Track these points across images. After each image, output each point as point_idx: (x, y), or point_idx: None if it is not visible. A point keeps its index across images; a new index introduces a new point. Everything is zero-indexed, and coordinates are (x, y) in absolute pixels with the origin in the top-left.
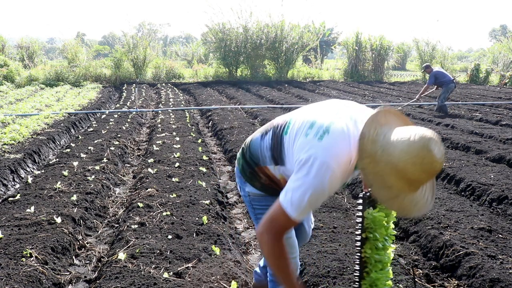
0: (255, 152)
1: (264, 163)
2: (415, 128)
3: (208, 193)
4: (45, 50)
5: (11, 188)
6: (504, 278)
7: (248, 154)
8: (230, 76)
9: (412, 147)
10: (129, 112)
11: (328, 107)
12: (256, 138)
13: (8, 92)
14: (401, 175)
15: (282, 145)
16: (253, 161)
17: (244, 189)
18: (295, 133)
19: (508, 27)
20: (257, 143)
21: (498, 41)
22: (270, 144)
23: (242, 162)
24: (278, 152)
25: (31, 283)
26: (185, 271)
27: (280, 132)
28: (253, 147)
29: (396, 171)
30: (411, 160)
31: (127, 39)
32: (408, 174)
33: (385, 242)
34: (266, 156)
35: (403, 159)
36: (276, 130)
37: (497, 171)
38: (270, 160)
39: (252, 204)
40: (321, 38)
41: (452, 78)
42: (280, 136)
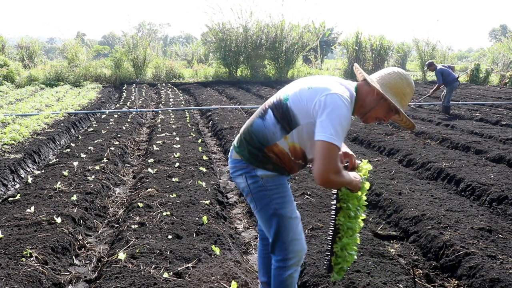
0: (262, 133)
1: (274, 140)
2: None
3: (208, 193)
4: (45, 50)
5: (11, 188)
6: (504, 278)
7: (254, 139)
8: (230, 76)
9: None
10: (129, 112)
11: (305, 79)
12: (256, 122)
13: (8, 92)
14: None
15: (289, 110)
16: (260, 143)
17: (255, 175)
18: (298, 95)
19: (508, 27)
20: (260, 125)
21: (498, 41)
22: (274, 119)
23: (248, 150)
24: (288, 117)
25: (31, 283)
26: (185, 271)
27: (281, 103)
28: (257, 130)
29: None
30: (405, 82)
31: (127, 39)
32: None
33: (356, 212)
34: (275, 132)
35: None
36: (275, 105)
37: (497, 171)
38: (281, 132)
39: (265, 186)
40: (321, 38)
41: (456, 77)
42: (283, 105)
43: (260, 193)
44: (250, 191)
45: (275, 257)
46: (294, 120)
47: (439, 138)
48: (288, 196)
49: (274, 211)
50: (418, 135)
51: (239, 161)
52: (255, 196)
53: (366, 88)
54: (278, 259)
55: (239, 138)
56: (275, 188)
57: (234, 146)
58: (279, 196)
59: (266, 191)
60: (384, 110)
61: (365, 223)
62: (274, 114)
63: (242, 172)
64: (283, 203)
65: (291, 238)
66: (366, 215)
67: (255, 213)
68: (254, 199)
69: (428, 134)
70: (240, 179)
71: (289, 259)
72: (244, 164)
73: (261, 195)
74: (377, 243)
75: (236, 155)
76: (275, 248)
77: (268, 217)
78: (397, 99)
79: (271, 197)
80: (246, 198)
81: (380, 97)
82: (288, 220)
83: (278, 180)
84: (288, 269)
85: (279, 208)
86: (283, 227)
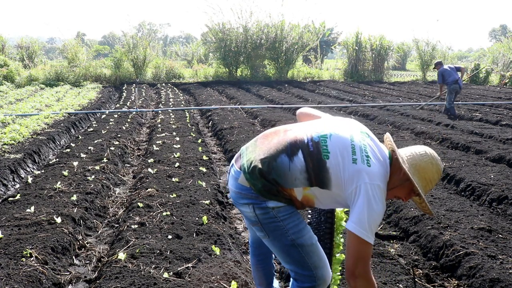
0: (283, 173)
1: (292, 186)
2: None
3: (208, 193)
4: (45, 50)
5: (11, 188)
6: (504, 278)
7: (273, 174)
8: (230, 76)
9: (434, 162)
10: (129, 112)
11: (348, 124)
12: (283, 159)
13: (8, 92)
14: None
15: (326, 171)
16: (277, 182)
17: (266, 207)
18: (340, 162)
19: (508, 27)
20: (285, 165)
21: (498, 41)
22: (305, 166)
23: (262, 183)
24: (321, 176)
25: (31, 283)
26: (185, 271)
27: (318, 156)
28: (280, 169)
29: (425, 178)
30: (435, 168)
31: (127, 39)
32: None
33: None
34: (299, 178)
35: (429, 169)
36: (310, 153)
37: (497, 171)
38: (305, 182)
39: (278, 217)
40: (321, 38)
41: (457, 79)
42: (319, 160)
43: (272, 224)
44: (259, 221)
45: (299, 284)
46: (326, 182)
47: (439, 138)
48: (302, 222)
49: (292, 242)
50: (418, 135)
51: (248, 189)
52: (266, 227)
53: (395, 164)
54: (305, 286)
55: (253, 165)
56: (288, 217)
57: (243, 169)
58: (294, 225)
59: (279, 222)
60: (407, 191)
61: None
62: (306, 161)
63: (249, 202)
64: (299, 232)
65: (316, 266)
66: None
67: (265, 241)
68: (264, 229)
69: (428, 134)
70: (246, 208)
71: (317, 286)
72: (253, 195)
73: (273, 226)
74: (377, 243)
75: (245, 182)
76: (300, 276)
77: (285, 248)
78: (422, 184)
79: (285, 228)
80: (253, 226)
81: (406, 178)
82: (309, 247)
83: (289, 208)
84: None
85: (297, 238)
86: (306, 256)
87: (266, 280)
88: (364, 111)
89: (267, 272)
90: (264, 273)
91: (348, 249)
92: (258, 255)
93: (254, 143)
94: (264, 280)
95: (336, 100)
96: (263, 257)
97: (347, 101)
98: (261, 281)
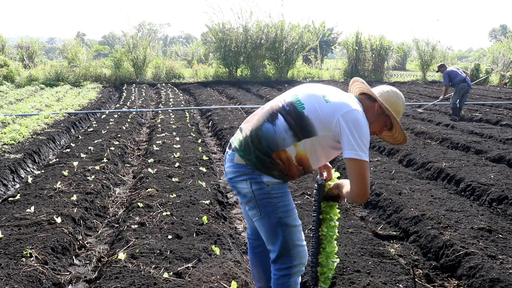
0: (272, 138)
1: (283, 146)
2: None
3: (208, 193)
4: (45, 50)
5: (11, 188)
6: (504, 278)
7: (263, 143)
8: (230, 76)
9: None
10: (129, 112)
11: (318, 85)
12: (266, 126)
13: (8, 92)
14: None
15: (306, 119)
16: (270, 148)
17: (261, 181)
18: (315, 106)
19: (508, 27)
20: (270, 129)
21: (498, 41)
22: (286, 125)
23: (256, 155)
24: (304, 126)
25: (31, 283)
26: (185, 271)
27: (295, 110)
28: (267, 134)
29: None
30: (401, 101)
31: (127, 39)
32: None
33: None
34: (285, 138)
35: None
36: (287, 112)
37: (497, 171)
38: (292, 138)
39: (271, 194)
40: (321, 38)
41: (464, 77)
42: (297, 113)
43: (264, 200)
44: (254, 197)
45: (278, 265)
46: (311, 129)
47: (439, 138)
48: (291, 204)
49: (279, 219)
50: (418, 135)
51: (244, 166)
52: (259, 203)
53: (367, 102)
54: (282, 267)
55: (244, 142)
56: (280, 196)
57: (236, 149)
58: (284, 205)
59: (271, 199)
60: (380, 126)
61: (365, 223)
62: (287, 120)
63: (246, 178)
64: (287, 211)
65: (295, 245)
66: (366, 215)
67: (256, 220)
68: (257, 205)
69: (428, 134)
70: (243, 184)
71: (294, 266)
72: (250, 170)
73: (265, 202)
74: (377, 243)
75: (240, 160)
76: (280, 256)
77: (272, 225)
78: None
79: (276, 205)
80: (247, 204)
81: (380, 113)
82: (293, 228)
83: (282, 188)
84: (293, 276)
85: (284, 217)
86: (288, 235)
87: (265, 276)
88: None
89: (265, 267)
90: (262, 268)
91: (353, 175)
92: (256, 247)
93: (239, 130)
94: (262, 276)
95: None
96: (261, 249)
97: None
98: (260, 277)
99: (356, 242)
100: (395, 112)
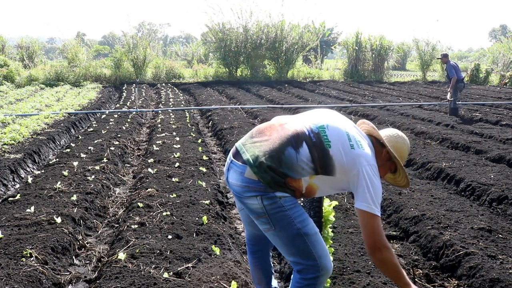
0: (292, 165)
1: (300, 176)
2: (390, 130)
3: (208, 193)
4: (45, 50)
5: (11, 188)
6: (504, 278)
7: (283, 167)
8: (230, 76)
9: (406, 142)
10: (129, 112)
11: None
12: (290, 152)
13: (8, 92)
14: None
15: (330, 158)
16: (285, 174)
17: (273, 196)
18: (340, 149)
19: (508, 27)
20: (293, 157)
21: (498, 41)
22: (310, 157)
23: (271, 176)
24: (326, 164)
25: (31, 283)
26: (185, 271)
27: (321, 145)
28: (289, 161)
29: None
30: (406, 147)
31: (127, 39)
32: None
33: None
34: (305, 168)
35: (403, 149)
36: (314, 144)
37: (497, 171)
38: (311, 171)
39: (285, 207)
40: (321, 38)
41: (463, 77)
42: (323, 149)
43: (279, 214)
44: (266, 212)
45: (303, 275)
46: (331, 169)
47: (439, 138)
48: (305, 213)
49: (298, 231)
50: (418, 135)
51: (255, 182)
52: (273, 218)
53: (377, 146)
54: (309, 277)
55: (259, 160)
56: (293, 207)
57: (249, 163)
58: (299, 214)
59: (286, 212)
60: (386, 170)
61: None
62: (311, 152)
63: (257, 194)
64: (304, 221)
65: (320, 255)
66: None
67: (270, 234)
68: (271, 220)
69: (428, 134)
70: (253, 200)
71: (320, 276)
72: (262, 187)
73: (280, 216)
74: None
75: (253, 175)
76: (306, 268)
77: (291, 238)
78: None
79: (292, 217)
80: (257, 219)
81: (387, 158)
82: (313, 237)
83: (293, 199)
84: (318, 286)
85: (302, 227)
86: (311, 245)
87: (265, 278)
88: (364, 111)
89: (265, 270)
90: (263, 271)
91: (363, 227)
92: (256, 252)
93: (250, 139)
94: (263, 279)
95: (336, 100)
96: (261, 253)
97: (347, 101)
98: (260, 280)
99: (356, 242)
100: (401, 158)
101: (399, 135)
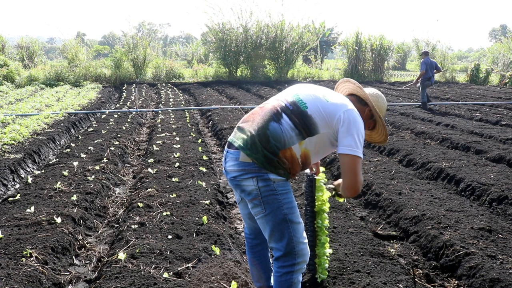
0: (279, 137)
1: (290, 144)
2: (370, 89)
3: (208, 193)
4: (45, 50)
5: (11, 188)
6: (504, 278)
7: (271, 142)
8: (230, 76)
9: (384, 99)
10: (129, 112)
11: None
12: (273, 125)
13: (8, 92)
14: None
15: (309, 118)
16: (277, 147)
17: (268, 178)
18: (317, 105)
19: (508, 27)
20: (277, 129)
21: (498, 41)
22: (292, 124)
23: (263, 154)
24: (307, 125)
25: (31, 283)
26: (185, 271)
27: (299, 110)
28: (275, 133)
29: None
30: (385, 104)
31: (127, 39)
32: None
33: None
34: (292, 136)
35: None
36: (291, 111)
37: (497, 171)
38: (297, 137)
39: (277, 191)
40: (321, 38)
41: (430, 76)
42: (301, 113)
43: (270, 196)
44: (260, 194)
45: (281, 263)
46: (314, 128)
47: (439, 138)
48: (294, 201)
49: (284, 216)
50: (418, 135)
51: (250, 164)
52: (265, 200)
53: (358, 105)
54: (286, 264)
55: (250, 140)
56: (285, 193)
57: (241, 147)
58: (288, 201)
59: (277, 195)
60: (366, 127)
61: (365, 223)
62: (291, 119)
63: (253, 176)
64: (292, 208)
65: (299, 243)
66: (366, 215)
67: (260, 218)
68: (263, 202)
69: (428, 134)
70: (249, 181)
71: (297, 264)
72: (256, 168)
73: (271, 198)
74: (377, 243)
75: (246, 158)
76: (284, 254)
77: (277, 222)
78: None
79: (281, 202)
80: (251, 202)
81: (369, 117)
82: (297, 225)
83: (286, 185)
84: (295, 273)
85: (289, 214)
86: (293, 232)
87: (264, 275)
88: None
89: (264, 266)
90: (262, 267)
91: (345, 170)
92: (255, 247)
93: (238, 130)
94: (262, 275)
95: None
96: (260, 248)
97: None
98: (259, 277)
99: (356, 242)
100: (382, 114)
101: (378, 93)
